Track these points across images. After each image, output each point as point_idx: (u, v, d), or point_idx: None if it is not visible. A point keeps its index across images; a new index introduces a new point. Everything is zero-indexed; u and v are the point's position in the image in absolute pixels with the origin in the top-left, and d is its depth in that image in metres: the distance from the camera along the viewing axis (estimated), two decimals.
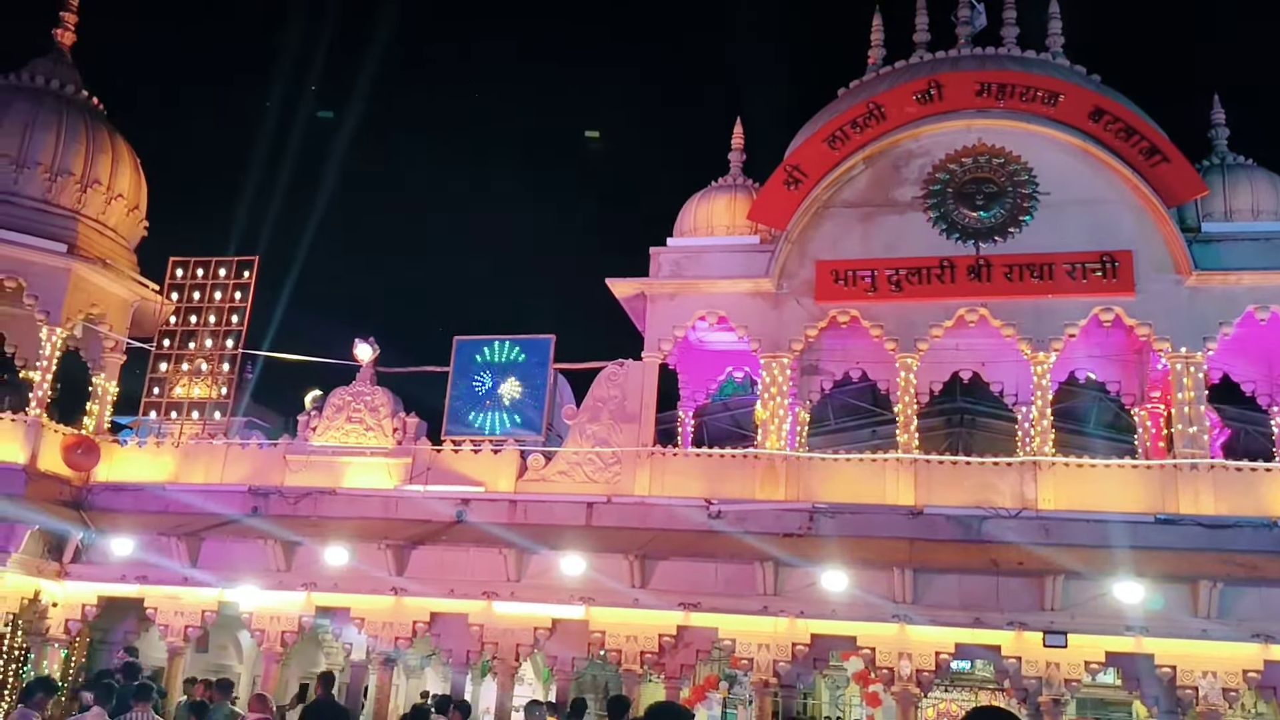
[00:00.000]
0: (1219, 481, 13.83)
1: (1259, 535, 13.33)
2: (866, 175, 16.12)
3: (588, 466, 15.95)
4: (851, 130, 15.97)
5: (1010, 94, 15.44)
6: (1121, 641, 13.30)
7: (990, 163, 15.53)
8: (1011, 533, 13.83)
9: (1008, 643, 13.57)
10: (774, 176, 16.33)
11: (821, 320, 15.79)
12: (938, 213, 15.58)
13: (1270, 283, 14.31)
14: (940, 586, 13.68)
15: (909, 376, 15.39)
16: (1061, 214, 15.12)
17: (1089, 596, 13.21)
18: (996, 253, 15.18)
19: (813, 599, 13.91)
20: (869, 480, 14.93)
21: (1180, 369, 14.41)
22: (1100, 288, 14.71)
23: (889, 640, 13.87)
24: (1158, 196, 14.70)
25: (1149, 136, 14.90)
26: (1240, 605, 12.90)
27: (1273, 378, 16.08)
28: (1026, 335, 14.89)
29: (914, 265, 15.39)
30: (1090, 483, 14.29)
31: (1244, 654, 12.99)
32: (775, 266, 15.93)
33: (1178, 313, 14.51)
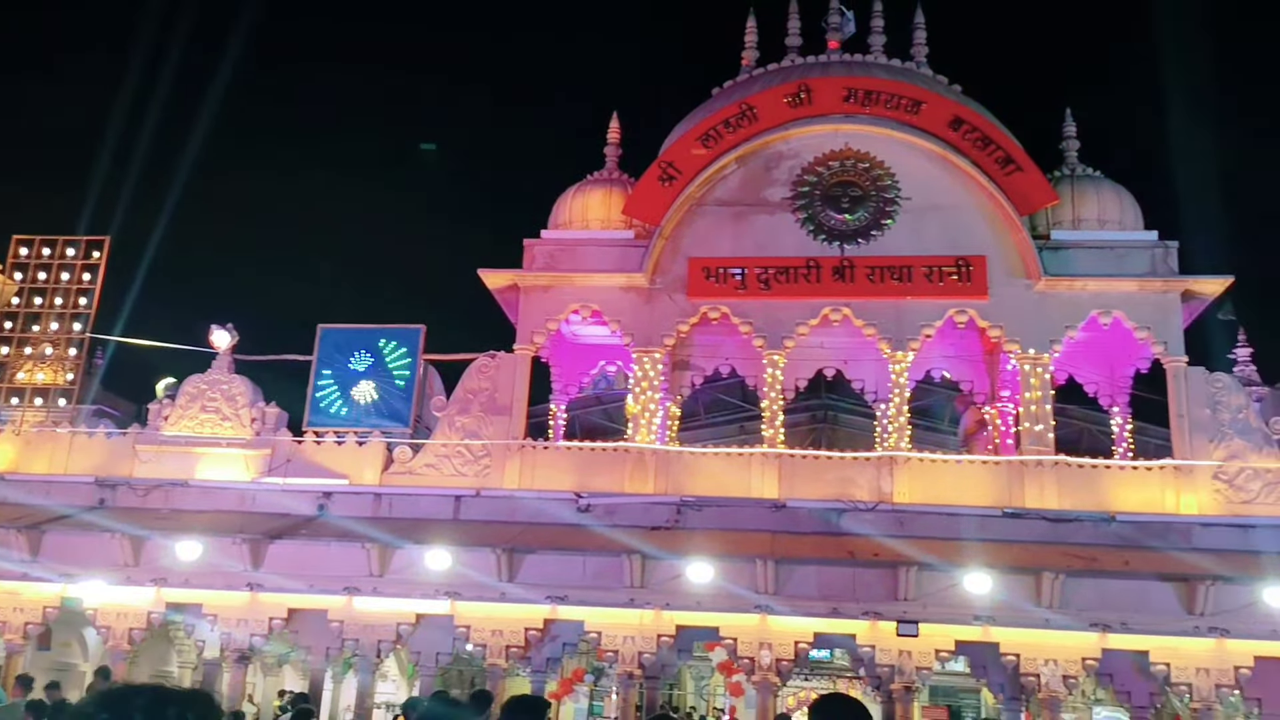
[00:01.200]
0: (1062, 477, 14.52)
1: (1098, 529, 14.03)
2: (739, 174, 16.37)
3: (456, 459, 15.79)
4: (724, 130, 16.20)
5: (876, 101, 15.90)
6: (970, 630, 13.84)
7: (856, 167, 15.97)
8: (869, 525, 14.24)
9: (863, 632, 13.99)
10: (649, 172, 16.44)
11: (693, 316, 15.98)
12: (806, 214, 15.94)
13: (1113, 289, 15.09)
14: (801, 578, 14.02)
15: (775, 373, 15.71)
16: (921, 219, 15.65)
17: (940, 587, 13.71)
18: (860, 254, 15.62)
19: (678, 591, 14.08)
20: (735, 474, 15.19)
21: (1028, 369, 15.08)
22: (956, 290, 15.29)
23: (751, 630, 14.14)
24: (1011, 204, 15.35)
25: (1004, 146, 15.54)
26: (1079, 595, 13.57)
27: (1113, 380, 16.97)
28: (886, 335, 15.36)
29: (782, 264, 15.72)
30: (943, 477, 14.83)
31: (1083, 642, 13.67)
32: (649, 262, 16.04)
33: (1027, 316, 15.17)
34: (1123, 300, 15.01)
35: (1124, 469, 14.72)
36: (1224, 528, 13.89)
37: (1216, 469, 14.20)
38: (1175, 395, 14.70)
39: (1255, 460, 14.19)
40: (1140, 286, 15.00)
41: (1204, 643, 13.39)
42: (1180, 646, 13.45)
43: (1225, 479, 14.18)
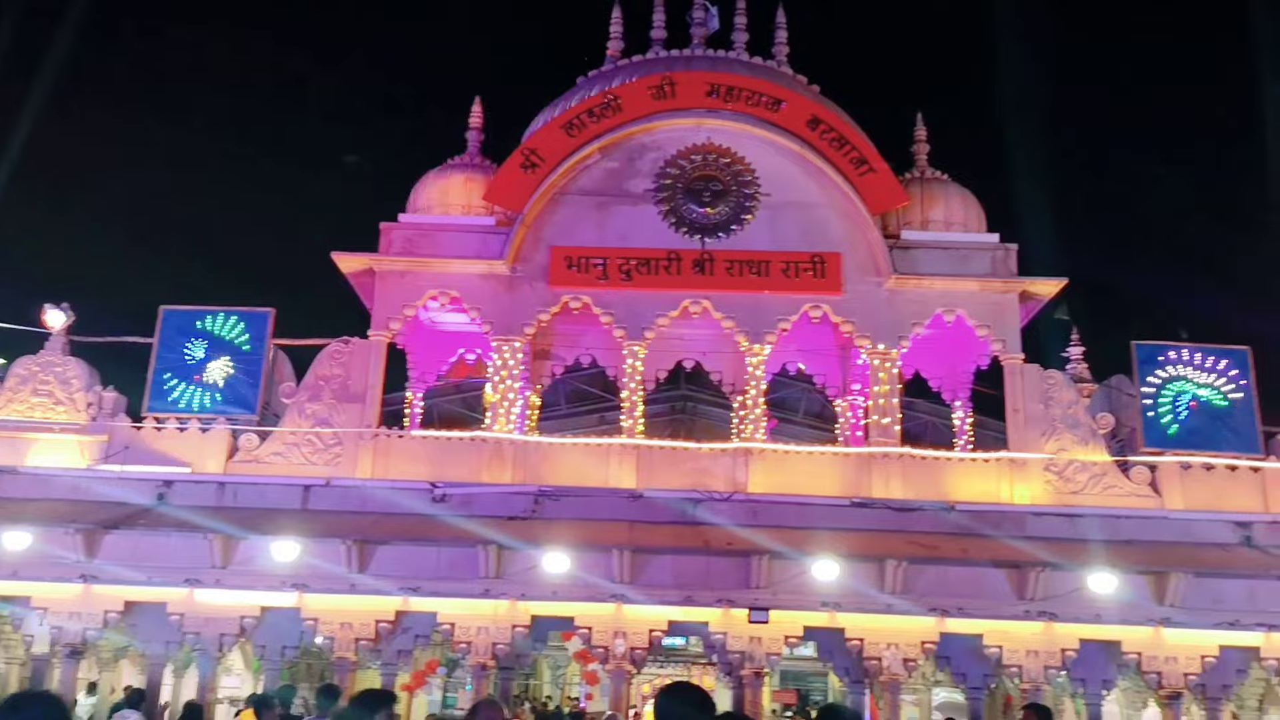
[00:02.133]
0: (907, 468, 15.07)
1: (939, 518, 14.61)
2: (602, 165, 16.39)
3: (306, 448, 15.35)
4: (589, 119, 16.18)
5: (737, 97, 16.14)
6: (818, 616, 14.24)
7: (718, 161, 16.19)
8: (724, 515, 14.50)
9: (716, 620, 14.23)
10: (511, 159, 16.30)
11: (554, 305, 15.93)
12: (668, 206, 16.08)
13: (957, 288, 15.72)
14: (656, 567, 14.16)
15: (636, 364, 15.81)
16: (780, 215, 15.98)
17: (790, 575, 14.06)
18: (720, 248, 15.85)
19: (534, 581, 14.05)
20: (594, 464, 15.23)
21: (877, 364, 15.59)
22: (811, 286, 15.67)
23: (606, 620, 14.22)
24: (864, 204, 15.82)
25: (859, 147, 15.99)
26: (920, 582, 14.11)
27: (956, 375, 17.69)
28: (744, 328, 15.64)
29: (644, 256, 15.81)
30: (796, 468, 15.20)
31: (922, 627, 14.23)
32: (510, 249, 15.91)
33: (877, 312, 15.67)
34: (966, 299, 15.66)
35: (963, 461, 15.37)
36: (1053, 517, 14.65)
37: (1048, 461, 14.96)
38: (1011, 391, 15.42)
39: (1083, 453, 15.02)
40: (982, 286, 15.67)
41: (1034, 626, 14.11)
42: (1012, 630, 14.13)
43: (1055, 471, 14.95)
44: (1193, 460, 14.88)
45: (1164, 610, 13.91)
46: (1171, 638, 14.05)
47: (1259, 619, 13.98)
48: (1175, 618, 13.89)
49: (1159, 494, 14.77)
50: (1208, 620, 13.90)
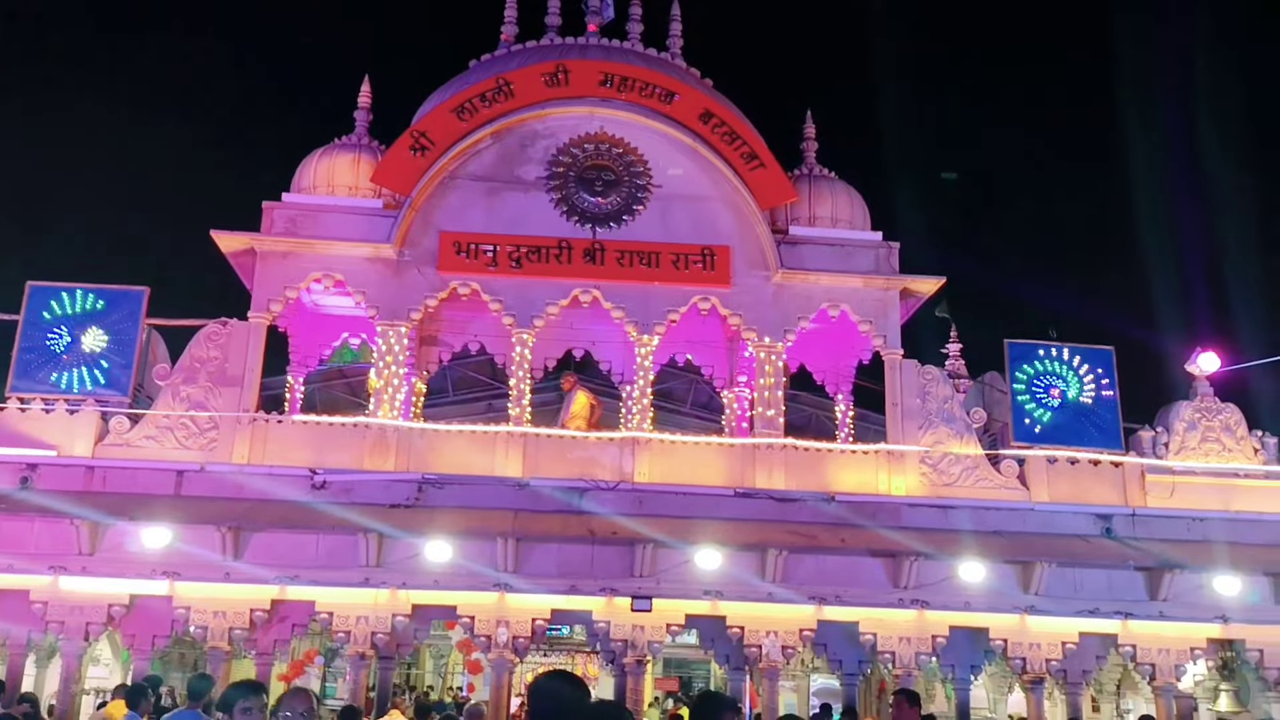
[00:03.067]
0: (790, 459, 15.34)
1: (819, 508, 14.92)
2: (494, 150, 16.23)
3: (180, 432, 14.86)
4: (480, 103, 16.00)
5: (631, 87, 16.16)
6: (700, 605, 14.43)
7: (610, 151, 16.18)
8: (609, 504, 14.55)
9: (600, 608, 14.30)
10: (400, 141, 16.02)
11: (442, 291, 15.73)
12: (560, 194, 16.01)
13: (841, 284, 16.03)
14: (541, 556, 14.17)
15: (524, 352, 15.73)
16: (671, 206, 16.07)
17: (674, 563, 14.22)
18: (611, 238, 15.86)
19: (416, 570, 13.91)
20: (480, 452, 15.11)
21: (764, 357, 15.82)
22: (701, 279, 15.80)
23: (489, 608, 14.16)
24: (753, 198, 16.01)
25: (750, 142, 16.17)
26: (800, 571, 14.43)
27: (839, 369, 18.08)
28: (633, 319, 15.68)
29: (535, 244, 15.73)
30: (682, 458, 15.33)
31: (801, 615, 14.54)
32: (397, 233, 15.64)
33: (764, 306, 15.90)
34: (849, 295, 16.00)
35: (844, 453, 15.72)
36: (927, 508, 15.12)
37: (923, 454, 15.42)
38: (891, 385, 15.83)
39: (957, 447, 15.52)
40: (865, 283, 16.03)
41: (907, 614, 14.55)
42: (886, 617, 14.56)
43: (931, 463, 15.42)
44: (1058, 455, 15.52)
45: (1029, 598, 14.51)
46: (1035, 625, 14.65)
47: (1117, 607, 14.70)
48: (1039, 605, 14.50)
49: (1026, 487, 15.36)
50: (1069, 608, 14.56)
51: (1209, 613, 14.66)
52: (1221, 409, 15.98)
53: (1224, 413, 15.95)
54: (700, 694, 6.74)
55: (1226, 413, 15.95)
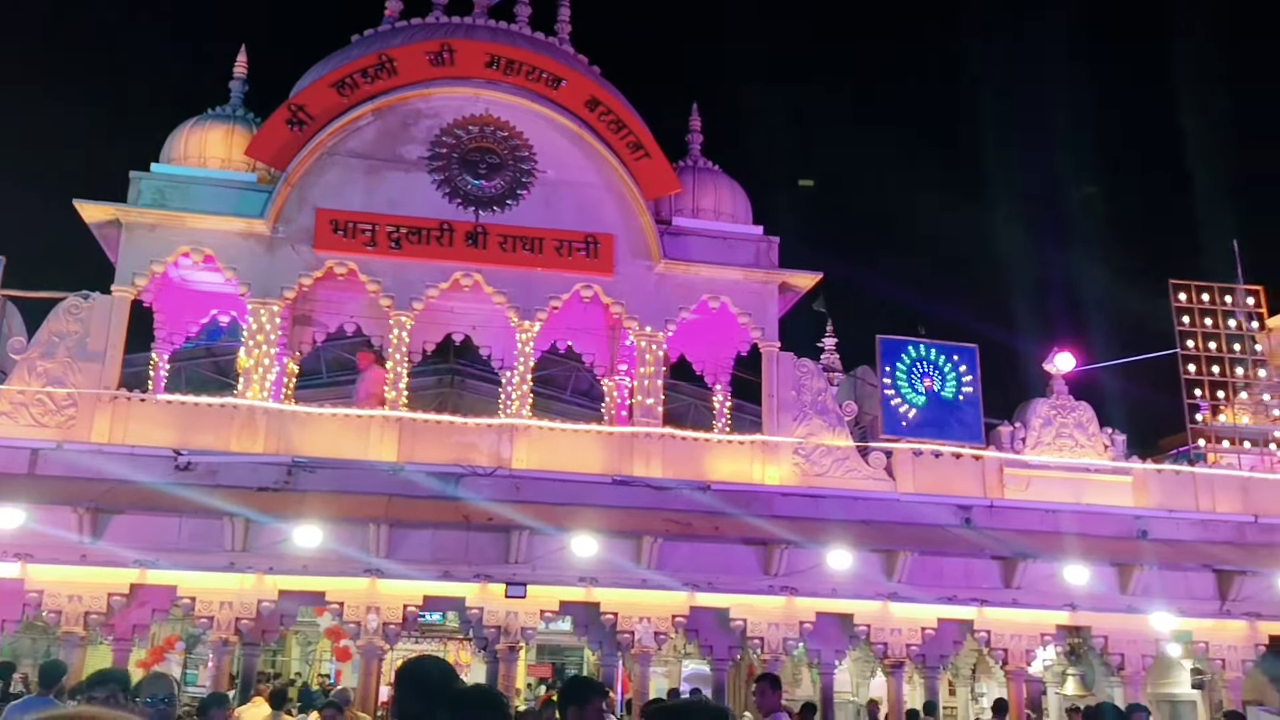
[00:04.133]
0: (667, 448, 15.50)
1: (694, 497, 15.12)
2: (375, 127, 15.90)
3: (35, 408, 14.18)
4: (362, 79, 15.65)
5: (518, 71, 16.02)
6: (574, 591, 14.50)
7: (495, 134, 16.03)
8: (486, 490, 14.46)
9: (473, 594, 14.24)
10: (277, 114, 15.56)
11: (318, 270, 15.36)
12: (442, 176, 15.79)
13: (722, 276, 16.25)
14: (414, 541, 14.01)
15: (402, 334, 15.48)
16: (555, 192, 16.02)
17: (549, 550, 14.23)
18: (494, 222, 15.72)
19: (284, 554, 13.61)
20: (353, 436, 14.83)
21: (644, 346, 15.93)
22: (583, 266, 15.81)
23: (359, 594, 13.95)
24: (638, 188, 16.08)
25: (636, 132, 16.23)
26: (675, 558, 14.61)
27: (718, 360, 18.33)
28: (515, 304, 15.60)
29: (415, 225, 15.48)
30: (561, 445, 15.33)
31: (674, 601, 14.74)
32: (272, 209, 15.20)
33: (647, 295, 16.00)
34: (730, 287, 16.22)
35: (720, 442, 15.96)
36: (799, 497, 15.47)
37: (796, 445, 15.77)
38: (767, 377, 16.13)
39: (828, 438, 15.92)
40: (745, 276, 16.27)
41: (776, 600, 14.90)
42: (756, 604, 14.88)
43: (803, 454, 15.78)
44: (923, 447, 16.06)
45: (892, 585, 15.00)
46: (897, 611, 15.18)
47: (973, 594, 15.33)
48: (901, 593, 15.02)
49: (893, 478, 15.86)
50: (929, 595, 15.11)
51: (1059, 600, 15.41)
52: (1075, 407, 16.77)
53: (1077, 410, 16.74)
54: (569, 679, 6.81)
55: (1079, 410, 16.75)
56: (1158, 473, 16.66)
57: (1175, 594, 15.66)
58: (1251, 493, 16.61)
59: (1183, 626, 15.84)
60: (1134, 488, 16.40)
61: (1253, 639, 15.93)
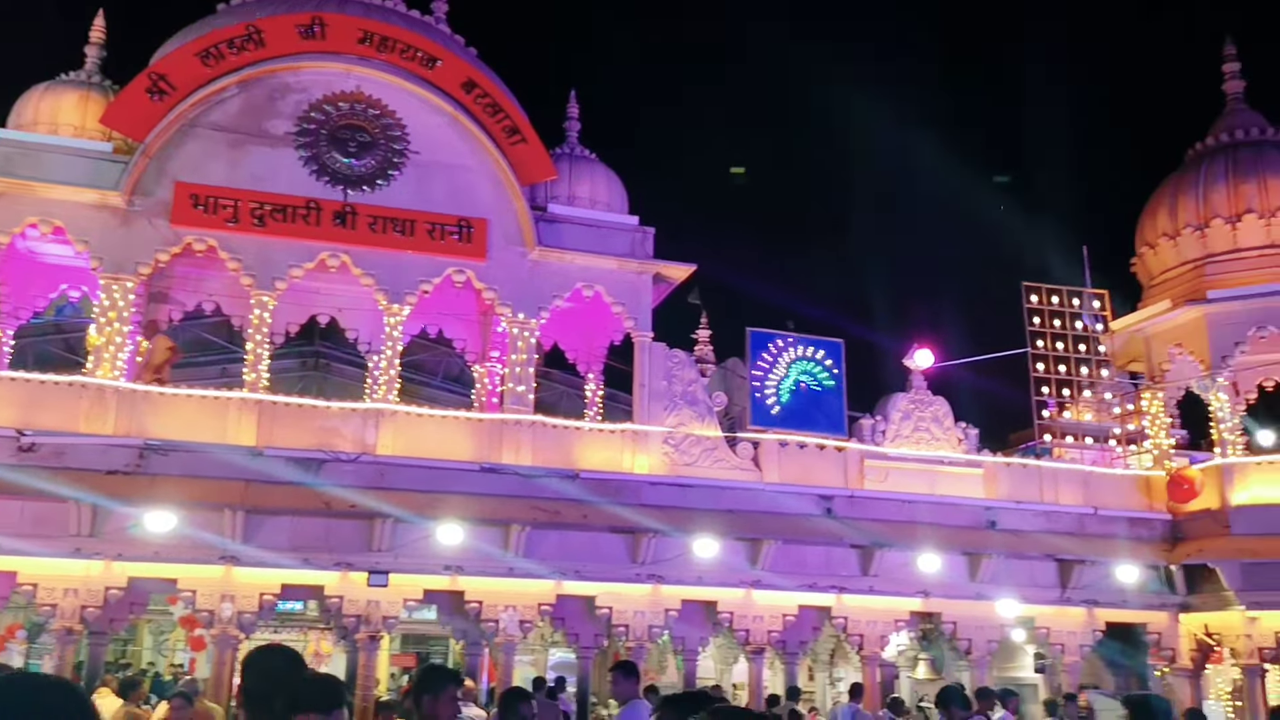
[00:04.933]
0: (537, 436, 15.43)
1: (564, 485, 15.09)
2: (240, 100, 15.35)
3: None
4: (228, 50, 15.06)
5: (392, 48, 15.65)
6: (439, 580, 14.36)
7: (367, 112, 15.65)
8: (350, 476, 14.15)
9: (333, 582, 13.96)
10: (136, 81, 14.86)
11: (175, 245, 14.76)
12: (310, 153, 15.34)
13: (597, 265, 16.22)
14: (273, 528, 13.66)
15: (263, 315, 15.00)
16: (428, 174, 15.74)
17: (415, 538, 14.06)
18: (364, 202, 15.35)
19: (133, 540, 13.12)
20: (210, 418, 14.31)
21: (516, 333, 15.82)
22: (456, 250, 15.58)
23: (213, 582, 13.55)
24: (514, 173, 15.91)
25: (513, 116, 16.06)
26: (543, 546, 14.61)
27: (591, 349, 18.35)
28: (384, 287, 15.28)
29: (280, 202, 15.00)
30: (429, 432, 15.09)
31: (541, 589, 14.75)
32: (128, 180, 14.53)
33: (520, 282, 15.87)
34: (604, 276, 16.22)
35: (591, 431, 15.97)
36: (668, 486, 15.61)
37: (666, 434, 15.91)
38: (639, 367, 16.20)
39: (698, 428, 16.10)
40: (619, 265, 16.30)
41: (643, 588, 15.05)
42: (623, 592, 15.00)
43: (673, 444, 15.92)
44: (789, 439, 16.40)
45: (755, 573, 15.32)
46: (760, 598, 15.51)
47: (832, 582, 15.78)
48: (764, 580, 15.35)
49: (759, 468, 16.14)
50: (791, 583, 15.49)
51: (912, 588, 15.98)
52: (932, 401, 17.37)
53: (934, 405, 17.35)
54: (423, 668, 6.71)
55: (936, 405, 17.35)
56: (1006, 466, 17.40)
57: (1020, 582, 16.42)
58: (1092, 486, 17.50)
59: (1026, 613, 16.62)
60: (985, 480, 17.09)
61: (1090, 625, 16.82)
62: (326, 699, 3.62)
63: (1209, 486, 17.00)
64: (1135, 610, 16.99)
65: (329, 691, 3.69)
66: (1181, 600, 16.97)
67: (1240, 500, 16.71)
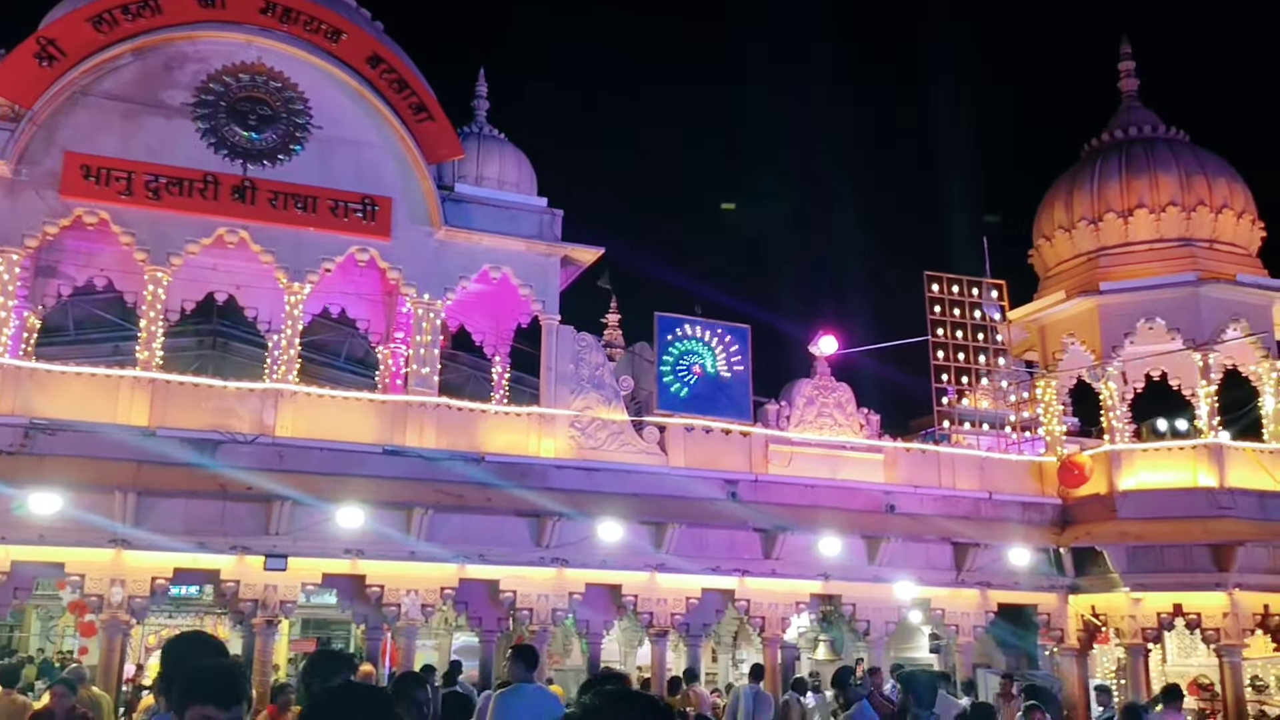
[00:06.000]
0: (442, 418, 15.25)
1: (469, 468, 14.93)
2: (135, 68, 14.80)
3: None
4: (122, 16, 14.50)
5: (295, 20, 15.23)
6: (339, 564, 14.13)
7: (268, 85, 15.21)
8: (247, 458, 13.80)
9: (229, 566, 13.64)
10: (23, 46, 14.21)
11: (65, 218, 14.19)
12: (208, 125, 14.86)
13: (505, 246, 16.04)
14: (165, 510, 13.28)
15: (158, 291, 14.52)
16: (332, 150, 15.39)
17: (314, 521, 13.80)
18: (264, 177, 14.94)
19: (17, 523, 12.64)
20: (100, 397, 13.82)
21: (421, 314, 15.59)
22: (360, 228, 15.28)
23: (102, 567, 13.13)
24: (421, 151, 15.64)
25: (419, 93, 15.78)
26: (446, 530, 14.47)
27: (498, 331, 18.20)
28: (284, 264, 14.92)
29: (176, 175, 14.52)
30: (330, 413, 14.80)
31: (444, 573, 14.61)
32: (14, 149, 13.92)
33: (426, 262, 15.64)
34: (512, 258, 16.06)
35: (497, 414, 15.84)
36: (574, 470, 15.57)
37: (573, 418, 15.86)
38: (547, 350, 16.11)
39: (605, 412, 16.09)
40: (527, 247, 16.15)
41: (548, 572, 15.02)
42: (528, 575, 14.95)
43: (579, 427, 15.89)
44: (695, 423, 16.49)
45: (660, 556, 15.41)
46: (664, 581, 15.60)
47: (736, 565, 15.95)
48: (669, 564, 15.44)
49: (665, 452, 16.20)
50: (695, 566, 15.61)
51: (813, 570, 16.24)
52: (836, 387, 17.64)
53: (837, 391, 17.61)
54: (315, 653, 6.63)
55: (839, 391, 17.63)
56: (906, 451, 17.77)
57: (917, 564, 16.81)
58: (987, 471, 17.98)
59: (923, 595, 17.03)
60: (885, 465, 17.43)
61: (984, 606, 17.30)
62: (221, 692, 3.30)
63: (1098, 472, 17.59)
64: (1026, 592, 17.52)
65: (225, 683, 3.36)
66: (1070, 582, 17.55)
67: (1127, 485, 17.34)
